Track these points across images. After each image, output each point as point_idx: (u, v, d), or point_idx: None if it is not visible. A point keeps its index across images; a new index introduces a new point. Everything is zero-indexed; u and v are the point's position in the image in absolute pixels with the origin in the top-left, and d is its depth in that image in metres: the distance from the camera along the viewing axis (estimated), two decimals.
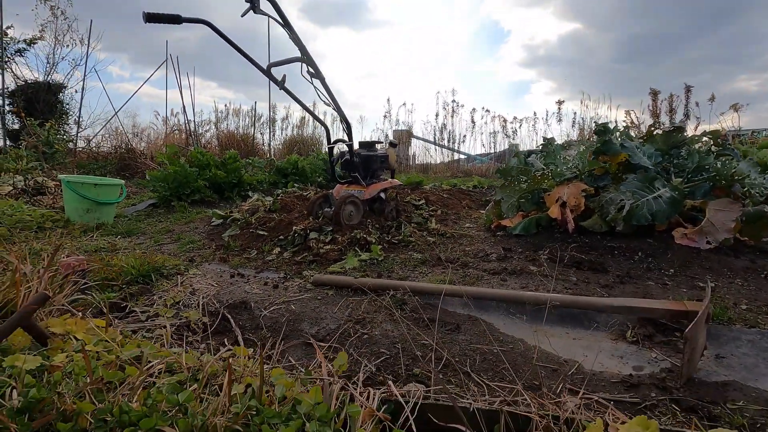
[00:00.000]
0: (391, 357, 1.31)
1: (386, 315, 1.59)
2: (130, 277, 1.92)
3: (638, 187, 2.32)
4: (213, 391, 0.87)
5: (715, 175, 2.39)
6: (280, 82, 2.29)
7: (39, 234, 2.92)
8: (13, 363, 0.85)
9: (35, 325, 1.04)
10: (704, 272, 1.97)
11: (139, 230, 3.24)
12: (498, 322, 1.57)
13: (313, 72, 2.49)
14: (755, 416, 1.01)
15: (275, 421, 0.73)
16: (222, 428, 0.69)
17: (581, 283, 1.90)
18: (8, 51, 8.84)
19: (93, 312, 1.54)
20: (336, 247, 2.42)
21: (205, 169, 4.57)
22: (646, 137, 2.76)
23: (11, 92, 8.77)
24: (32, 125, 6.55)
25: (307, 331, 1.50)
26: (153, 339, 1.36)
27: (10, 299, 1.22)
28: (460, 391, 1.11)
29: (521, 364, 1.27)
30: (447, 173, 7.94)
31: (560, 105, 8.87)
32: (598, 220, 2.43)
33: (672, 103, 8.57)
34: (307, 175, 5.64)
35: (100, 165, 7.01)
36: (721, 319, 1.51)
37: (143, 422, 0.68)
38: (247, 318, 1.61)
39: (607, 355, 1.33)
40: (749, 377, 1.19)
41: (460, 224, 3.19)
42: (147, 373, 0.94)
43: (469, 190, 4.90)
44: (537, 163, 3.08)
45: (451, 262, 2.24)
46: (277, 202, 3.53)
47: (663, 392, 1.12)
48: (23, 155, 5.82)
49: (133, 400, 0.82)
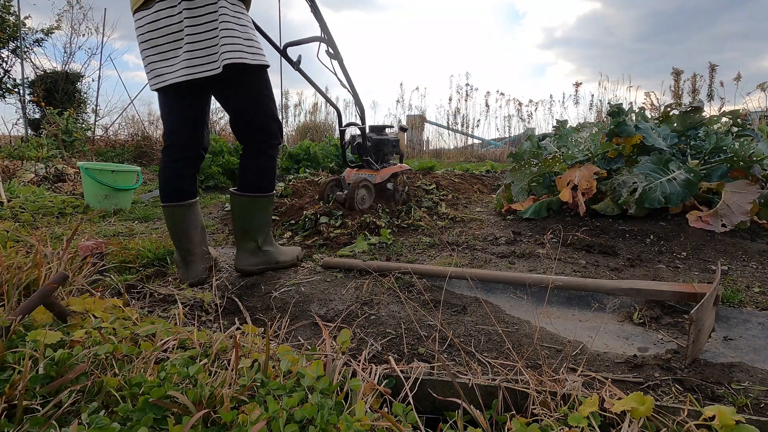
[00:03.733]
0: (397, 337, 1.34)
1: (393, 297, 1.62)
2: (146, 260, 1.99)
3: (652, 170, 2.27)
4: (222, 366, 0.91)
5: (732, 157, 2.33)
6: (295, 63, 2.23)
7: (60, 219, 3.03)
8: (35, 337, 0.90)
9: (56, 303, 1.09)
10: (718, 255, 1.94)
11: (155, 215, 3.32)
12: (504, 304, 1.58)
13: (332, 53, 2.40)
14: (759, 396, 1.01)
15: (279, 393, 0.76)
16: (229, 398, 0.73)
17: (590, 266, 1.89)
18: (27, 41, 9.01)
19: (111, 293, 1.61)
20: (346, 231, 2.45)
21: (219, 156, 4.64)
22: (662, 118, 2.70)
23: (31, 82, 8.97)
24: (52, 114, 6.72)
25: (316, 312, 1.53)
26: (168, 318, 1.41)
27: (33, 279, 1.28)
28: (462, 369, 1.13)
29: (526, 345, 1.29)
30: (460, 158, 7.89)
31: (577, 87, 8.70)
32: (610, 203, 2.40)
33: (695, 83, 8.30)
34: (318, 160, 5.68)
35: (118, 152, 7.17)
36: (732, 302, 1.49)
37: (154, 391, 0.72)
38: (257, 299, 1.66)
39: (612, 337, 1.33)
40: (757, 359, 1.18)
41: (470, 208, 3.18)
42: (161, 348, 0.99)
43: (482, 174, 4.87)
44: (551, 146, 3.04)
45: (460, 245, 2.25)
46: (289, 187, 3.57)
47: (667, 372, 1.12)
48: (44, 143, 5.98)
49: (147, 373, 0.87)
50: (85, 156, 6.49)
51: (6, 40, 8.62)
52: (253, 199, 1.77)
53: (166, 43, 1.59)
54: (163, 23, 1.57)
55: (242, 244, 1.83)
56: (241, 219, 1.81)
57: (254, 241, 1.83)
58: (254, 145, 1.75)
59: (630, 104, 8.04)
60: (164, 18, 1.56)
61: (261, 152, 1.75)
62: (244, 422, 0.68)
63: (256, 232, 1.82)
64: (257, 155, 1.75)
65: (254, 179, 1.76)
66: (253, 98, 1.68)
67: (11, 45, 8.82)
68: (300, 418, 0.71)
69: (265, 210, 1.82)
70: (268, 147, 1.75)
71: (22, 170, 4.66)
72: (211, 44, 1.55)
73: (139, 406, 0.71)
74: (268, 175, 1.79)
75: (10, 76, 9.07)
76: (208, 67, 1.55)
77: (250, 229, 1.81)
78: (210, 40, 1.55)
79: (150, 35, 1.60)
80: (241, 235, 1.83)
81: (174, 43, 1.58)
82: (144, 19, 1.60)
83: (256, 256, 1.84)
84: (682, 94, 8.10)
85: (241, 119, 1.72)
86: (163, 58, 1.60)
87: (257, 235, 1.83)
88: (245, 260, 1.83)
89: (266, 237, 1.87)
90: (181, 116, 1.72)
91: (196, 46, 1.55)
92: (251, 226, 1.81)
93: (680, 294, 1.38)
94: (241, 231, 1.82)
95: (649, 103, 7.27)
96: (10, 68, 9.06)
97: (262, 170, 1.77)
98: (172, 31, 1.57)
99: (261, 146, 1.74)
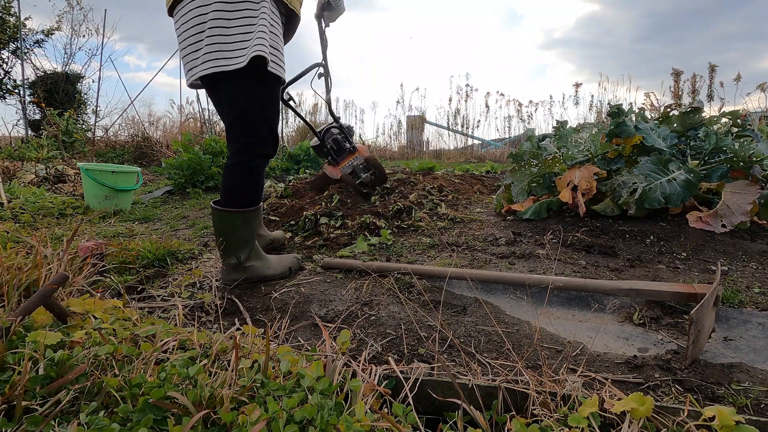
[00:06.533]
0: (397, 337, 1.34)
1: (393, 297, 1.62)
2: (146, 260, 1.99)
3: (652, 170, 2.27)
4: (222, 366, 0.91)
5: (732, 157, 2.32)
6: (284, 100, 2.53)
7: (60, 220, 3.03)
8: (35, 338, 0.90)
9: (56, 304, 1.09)
10: (718, 256, 1.94)
11: (155, 216, 3.32)
12: (504, 305, 1.58)
13: (324, 73, 2.62)
14: (759, 397, 1.01)
15: (279, 393, 0.76)
16: (229, 399, 0.73)
17: (590, 266, 1.89)
18: (27, 42, 9.02)
19: (111, 293, 1.61)
20: (346, 231, 2.45)
21: (219, 157, 4.64)
22: (662, 118, 2.70)
23: (31, 83, 8.98)
24: (52, 115, 6.72)
25: (316, 312, 1.53)
26: (168, 319, 1.41)
27: (33, 280, 1.28)
28: (462, 370, 1.13)
29: (526, 345, 1.29)
30: (460, 159, 7.89)
31: (577, 88, 8.69)
32: (610, 204, 2.40)
33: (695, 84, 8.29)
34: (318, 161, 5.68)
35: (118, 153, 7.17)
36: (732, 302, 1.49)
37: (154, 392, 0.72)
38: (257, 300, 1.65)
39: (612, 337, 1.33)
40: (757, 359, 1.18)
41: (470, 209, 3.18)
42: (161, 349, 0.99)
43: (482, 175, 4.87)
44: (550, 146, 3.04)
45: (460, 246, 2.25)
46: (289, 188, 3.57)
47: (667, 373, 1.12)
48: (44, 144, 5.99)
49: (147, 374, 0.87)
50: (86, 157, 6.50)
51: (6, 41, 8.63)
52: (231, 215, 1.66)
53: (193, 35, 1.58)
54: (191, 16, 1.57)
55: (224, 258, 1.73)
56: (220, 233, 1.69)
57: (236, 258, 1.71)
58: (239, 151, 1.65)
59: (630, 105, 8.04)
60: (193, 10, 1.56)
61: (243, 160, 1.65)
62: (244, 423, 0.68)
63: (236, 249, 1.70)
64: (239, 163, 1.65)
65: (230, 190, 1.67)
66: (252, 100, 1.62)
67: (11, 46, 8.83)
68: (300, 418, 0.71)
69: (245, 227, 1.70)
70: (254, 156, 1.66)
71: (22, 171, 4.66)
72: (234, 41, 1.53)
73: (139, 407, 0.71)
74: (245, 184, 1.67)
75: (10, 77, 9.09)
76: (230, 61, 1.52)
77: (229, 245, 1.70)
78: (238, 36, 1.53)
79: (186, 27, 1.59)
80: (222, 250, 1.71)
81: (198, 35, 1.56)
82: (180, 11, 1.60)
83: (237, 272, 1.73)
84: (682, 94, 8.09)
85: (233, 117, 1.66)
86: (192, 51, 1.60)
87: (238, 251, 1.71)
88: (227, 275, 1.75)
89: (250, 252, 1.75)
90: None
91: (217, 39, 1.53)
92: (230, 241, 1.69)
93: (680, 294, 1.38)
94: (222, 245, 1.70)
95: (648, 103, 7.27)
96: (10, 69, 9.09)
97: (237, 179, 1.67)
98: (198, 23, 1.55)
99: (246, 152, 1.65)
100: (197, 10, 1.55)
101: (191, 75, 1.62)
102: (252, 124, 1.63)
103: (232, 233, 1.68)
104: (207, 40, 1.52)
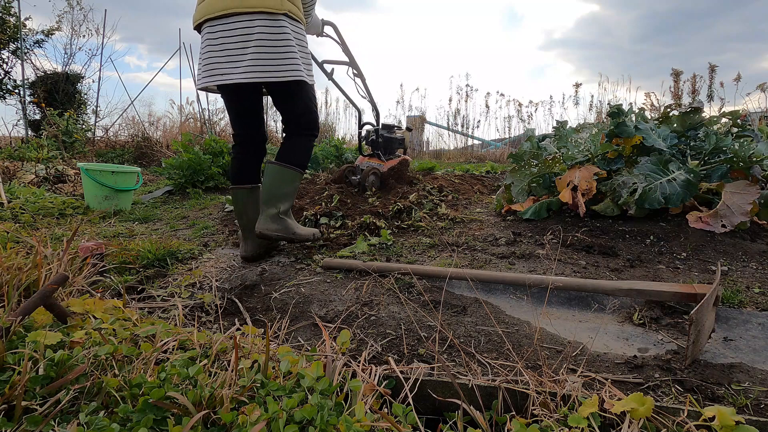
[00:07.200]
0: (397, 338, 1.34)
1: (393, 297, 1.62)
2: (146, 261, 1.99)
3: (652, 170, 2.27)
4: (222, 366, 0.91)
5: (732, 157, 2.32)
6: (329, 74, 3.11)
7: (61, 220, 3.03)
8: (35, 338, 0.90)
9: (56, 304, 1.09)
10: (718, 256, 1.94)
11: (155, 216, 3.32)
12: (504, 305, 1.58)
13: (356, 73, 3.22)
14: (759, 397, 1.01)
15: (279, 394, 0.76)
16: (228, 399, 0.73)
17: (590, 266, 1.89)
18: (27, 42, 9.02)
19: (111, 294, 1.61)
20: (346, 231, 2.45)
21: (219, 157, 4.63)
22: (662, 119, 2.69)
23: (31, 83, 8.97)
24: (52, 115, 6.72)
25: (316, 313, 1.53)
26: (168, 319, 1.41)
27: (33, 280, 1.28)
28: (462, 370, 1.13)
29: (526, 346, 1.29)
30: (460, 159, 7.89)
31: (577, 88, 8.68)
32: (610, 204, 2.40)
33: (695, 84, 8.29)
34: (319, 161, 5.67)
35: (118, 153, 7.17)
36: (732, 303, 1.49)
37: (154, 392, 0.72)
38: (258, 300, 1.66)
39: (612, 337, 1.33)
40: (757, 359, 1.18)
41: (470, 209, 3.18)
42: (161, 349, 0.99)
43: (482, 175, 4.86)
44: (550, 147, 3.03)
45: (460, 246, 2.25)
46: None
47: (667, 373, 1.12)
48: (44, 144, 5.98)
49: (147, 374, 0.87)
50: (86, 157, 6.50)
51: (6, 42, 8.63)
52: (284, 169, 2.02)
53: (234, 48, 1.87)
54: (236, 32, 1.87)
55: (266, 209, 2.01)
56: (269, 186, 2.02)
57: (276, 209, 2.01)
58: (295, 131, 2.08)
59: (630, 105, 8.04)
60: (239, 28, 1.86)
61: (298, 135, 2.07)
62: (244, 423, 0.68)
63: (280, 200, 2.02)
64: (296, 137, 2.08)
65: (289, 153, 2.05)
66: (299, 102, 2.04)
67: (12, 46, 8.82)
68: (300, 418, 0.71)
69: (292, 183, 2.06)
70: (308, 135, 2.10)
71: (22, 171, 4.66)
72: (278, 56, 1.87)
73: (139, 407, 0.71)
74: (301, 152, 2.07)
75: (10, 77, 9.09)
76: (274, 74, 1.87)
77: (275, 196, 2.01)
78: (280, 52, 1.88)
79: (221, 41, 1.89)
80: (266, 201, 2.02)
81: (241, 49, 1.87)
82: (218, 27, 1.90)
83: (275, 222, 2.00)
84: (682, 94, 8.08)
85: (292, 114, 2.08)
86: (229, 60, 1.89)
87: (281, 202, 2.02)
88: (265, 224, 1.99)
89: (288, 210, 2.07)
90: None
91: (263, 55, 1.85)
92: (277, 192, 2.01)
93: (680, 294, 1.38)
94: (267, 197, 2.01)
95: (648, 103, 7.26)
96: (10, 69, 9.07)
97: (298, 147, 2.07)
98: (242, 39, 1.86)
99: (301, 131, 2.08)
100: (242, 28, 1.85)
101: (227, 79, 1.88)
102: (312, 114, 2.10)
103: (281, 187, 2.03)
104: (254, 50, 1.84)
